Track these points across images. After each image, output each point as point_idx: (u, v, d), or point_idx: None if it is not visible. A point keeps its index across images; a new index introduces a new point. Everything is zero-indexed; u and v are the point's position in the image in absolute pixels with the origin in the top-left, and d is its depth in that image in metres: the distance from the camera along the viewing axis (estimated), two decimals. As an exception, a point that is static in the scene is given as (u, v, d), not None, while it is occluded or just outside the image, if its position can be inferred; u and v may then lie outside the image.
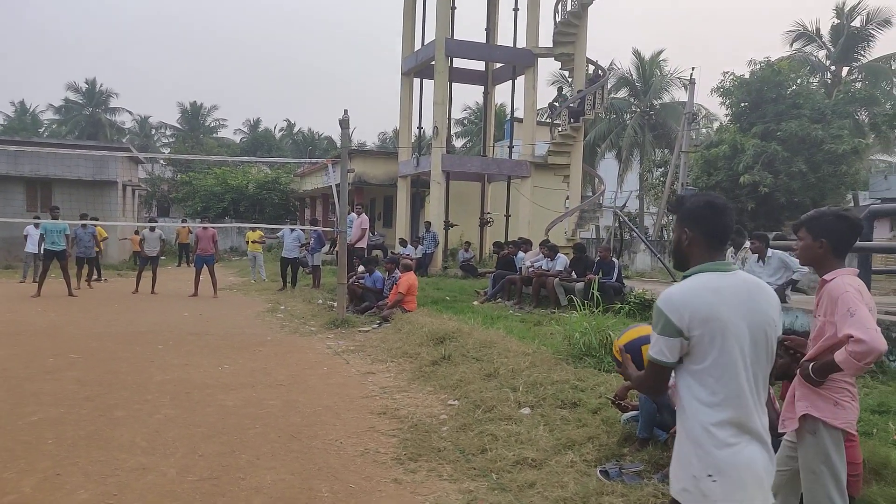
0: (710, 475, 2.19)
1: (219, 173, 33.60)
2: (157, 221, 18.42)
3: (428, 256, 18.43)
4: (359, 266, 13.21)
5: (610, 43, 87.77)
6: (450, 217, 20.37)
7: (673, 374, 2.35)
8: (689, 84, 26.46)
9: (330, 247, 18.42)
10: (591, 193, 25.67)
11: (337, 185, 11.74)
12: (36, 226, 16.25)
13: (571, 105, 19.26)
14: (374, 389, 6.88)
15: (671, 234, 31.93)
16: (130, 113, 61.39)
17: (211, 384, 6.87)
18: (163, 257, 17.01)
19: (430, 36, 20.14)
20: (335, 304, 11.78)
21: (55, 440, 4.99)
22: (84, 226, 15.84)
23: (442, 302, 12.40)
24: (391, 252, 17.67)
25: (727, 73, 25.21)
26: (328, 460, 4.80)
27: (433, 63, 19.37)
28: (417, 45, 21.40)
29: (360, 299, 12.20)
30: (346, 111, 11.22)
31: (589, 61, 19.94)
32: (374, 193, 27.52)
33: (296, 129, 65.47)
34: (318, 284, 15.79)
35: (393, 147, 46.91)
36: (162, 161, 41.93)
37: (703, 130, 33.63)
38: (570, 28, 19.42)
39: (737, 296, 2.25)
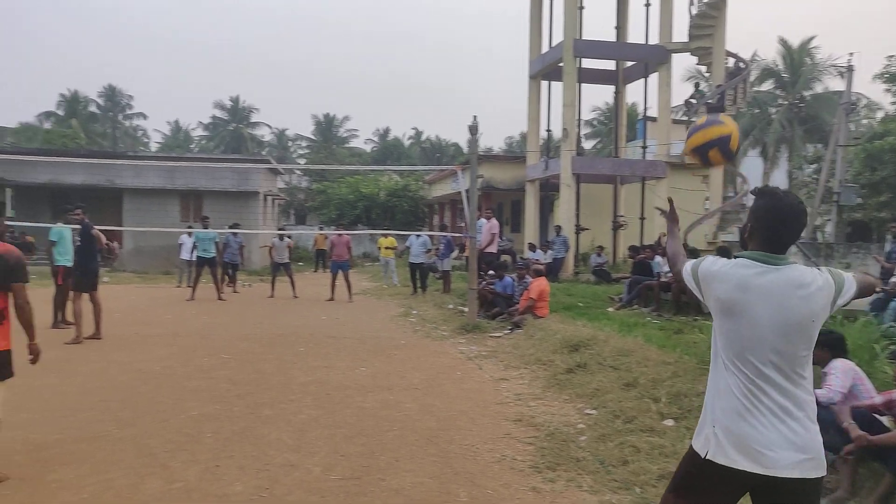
0: (714, 426, 2.37)
1: (351, 182, 34.97)
2: (285, 230, 19.42)
3: (558, 261, 18.12)
4: (488, 271, 13.20)
5: (751, 33, 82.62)
6: (580, 220, 19.93)
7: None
8: (847, 71, 24.31)
9: (459, 252, 18.59)
10: (733, 194, 24.22)
11: (466, 191, 11.81)
12: (189, 235, 17.65)
13: (710, 101, 18.28)
14: (508, 396, 6.81)
15: (824, 234, 29.43)
16: (269, 126, 65.50)
17: (349, 386, 7.09)
18: (300, 263, 17.95)
19: (557, 38, 19.89)
20: (466, 309, 11.83)
21: (213, 434, 5.33)
22: (235, 234, 17.02)
23: (574, 308, 12.12)
24: (520, 257, 17.55)
25: (893, 56, 22.92)
26: (465, 465, 4.78)
27: (561, 65, 19.08)
28: (544, 48, 21.18)
29: (490, 304, 12.18)
30: (475, 117, 11.28)
31: (729, 54, 18.85)
32: (501, 198, 27.51)
33: (423, 137, 67.03)
34: (448, 289, 15.96)
35: (520, 151, 46.74)
36: (298, 171, 44.27)
37: (865, 122, 30.77)
38: (708, 20, 18.46)
39: (768, 289, 2.34)
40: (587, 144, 42.80)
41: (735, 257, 2.48)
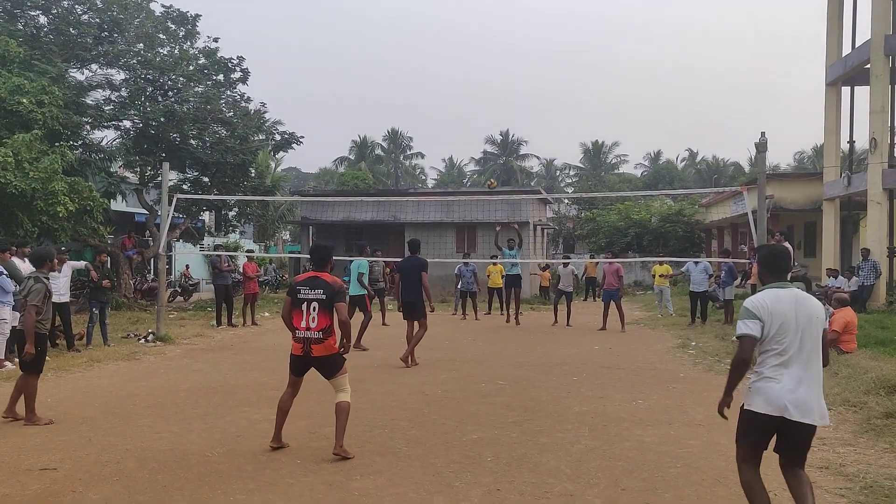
0: (750, 386, 4.01)
1: (621, 208, 34.24)
2: (569, 258, 19.44)
3: (866, 289, 15.71)
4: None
5: None
6: (895, 243, 17.13)
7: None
8: None
9: (742, 280, 17.12)
10: None
11: (753, 213, 10.85)
12: (465, 265, 18.73)
13: None
14: (810, 440, 5.99)
15: None
16: (538, 158, 67.16)
17: (626, 418, 6.83)
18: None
19: (862, 36, 17.59)
20: (754, 342, 10.77)
21: (493, 458, 5.47)
22: (466, 263, 17.85)
23: (890, 343, 10.37)
24: (816, 285, 15.58)
25: None
26: (762, 514, 4.26)
27: (867, 67, 16.79)
28: (846, 50, 18.84)
29: (782, 337, 10.92)
30: (762, 134, 10.58)
31: None
32: (791, 220, 24.86)
33: (699, 158, 63.45)
34: (730, 320, 14.75)
35: (813, 168, 41.90)
36: (566, 200, 44.62)
37: None
38: None
39: (789, 301, 3.83)
40: (900, 154, 36.76)
41: (759, 291, 4.01)
